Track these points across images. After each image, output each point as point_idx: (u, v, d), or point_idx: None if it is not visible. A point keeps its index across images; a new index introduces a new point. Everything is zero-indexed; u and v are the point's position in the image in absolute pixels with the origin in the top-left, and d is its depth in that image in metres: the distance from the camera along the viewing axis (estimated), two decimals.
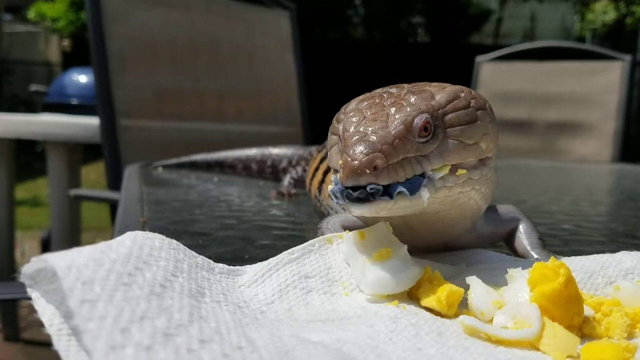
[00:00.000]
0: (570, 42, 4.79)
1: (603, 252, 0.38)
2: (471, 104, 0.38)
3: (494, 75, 2.31)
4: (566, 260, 0.36)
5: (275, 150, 1.00)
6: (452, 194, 0.36)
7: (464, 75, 2.13)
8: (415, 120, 0.35)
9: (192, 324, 0.23)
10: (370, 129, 0.35)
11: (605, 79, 2.18)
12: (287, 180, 0.87)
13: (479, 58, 2.33)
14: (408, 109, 0.36)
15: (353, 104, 0.39)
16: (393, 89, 0.39)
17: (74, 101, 2.28)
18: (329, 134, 0.41)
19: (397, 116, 0.35)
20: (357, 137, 0.35)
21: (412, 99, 0.36)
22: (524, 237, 0.43)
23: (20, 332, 2.15)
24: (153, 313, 0.23)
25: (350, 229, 0.39)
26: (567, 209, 0.83)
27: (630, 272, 0.35)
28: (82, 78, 2.37)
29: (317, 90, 2.69)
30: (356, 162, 0.33)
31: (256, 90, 1.80)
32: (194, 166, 1.10)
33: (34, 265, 0.25)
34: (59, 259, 0.24)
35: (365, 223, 0.39)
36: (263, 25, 1.84)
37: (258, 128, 1.76)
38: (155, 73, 1.59)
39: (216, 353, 0.22)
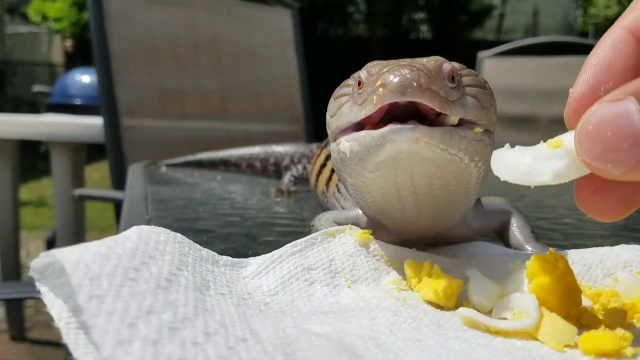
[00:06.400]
0: (572, 37, 4.75)
1: (603, 245, 0.38)
2: (478, 74, 0.39)
3: (496, 71, 2.30)
4: (565, 253, 0.37)
5: (278, 148, 1.01)
6: (467, 148, 0.35)
7: None
8: (444, 64, 0.36)
9: (197, 317, 0.24)
10: (405, 66, 0.34)
11: None
12: (287, 177, 0.87)
13: (482, 54, 2.32)
14: (434, 58, 0.36)
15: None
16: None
17: (77, 101, 2.29)
18: (332, 100, 0.40)
19: (428, 60, 0.35)
20: (396, 66, 0.34)
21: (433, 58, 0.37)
22: (517, 231, 0.44)
23: (26, 331, 2.16)
24: (159, 307, 0.24)
25: (342, 224, 0.40)
26: (568, 203, 0.83)
27: (628, 265, 0.36)
28: (85, 78, 2.38)
29: (319, 87, 2.69)
30: (400, 78, 0.32)
31: (258, 88, 1.80)
32: (198, 165, 1.10)
33: (42, 260, 0.25)
34: (67, 255, 0.25)
35: (357, 223, 0.40)
36: (265, 23, 1.84)
37: (261, 126, 1.76)
38: (157, 72, 1.60)
39: (221, 345, 0.22)
